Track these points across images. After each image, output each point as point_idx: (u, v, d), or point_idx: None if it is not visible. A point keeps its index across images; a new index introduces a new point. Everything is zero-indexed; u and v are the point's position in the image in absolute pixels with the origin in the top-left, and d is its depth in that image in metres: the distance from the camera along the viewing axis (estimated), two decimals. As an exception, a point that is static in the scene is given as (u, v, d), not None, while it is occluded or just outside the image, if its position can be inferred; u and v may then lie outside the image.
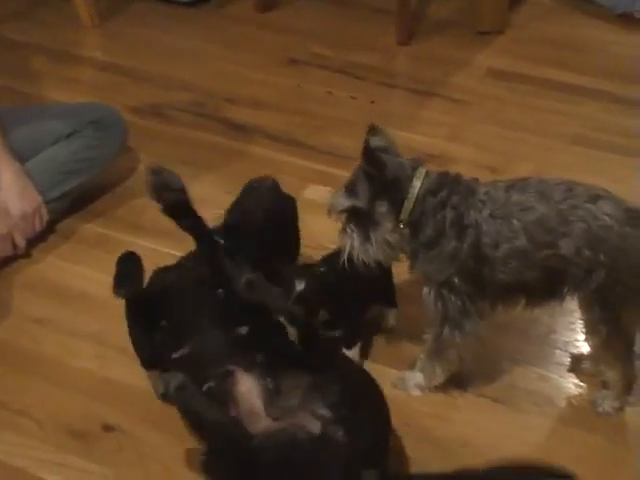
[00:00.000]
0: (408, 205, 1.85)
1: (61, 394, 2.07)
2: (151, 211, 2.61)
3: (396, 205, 1.86)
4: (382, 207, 1.87)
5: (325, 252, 2.43)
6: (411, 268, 1.94)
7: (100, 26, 3.69)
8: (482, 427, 1.99)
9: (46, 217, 2.48)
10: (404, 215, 1.86)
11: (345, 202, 1.89)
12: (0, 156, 2.42)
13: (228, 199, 2.16)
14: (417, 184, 1.85)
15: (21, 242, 2.42)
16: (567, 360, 2.14)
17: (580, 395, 2.06)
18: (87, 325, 2.25)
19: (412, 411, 2.02)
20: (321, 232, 2.53)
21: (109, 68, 3.43)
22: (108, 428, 1.98)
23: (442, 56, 3.42)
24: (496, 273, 1.84)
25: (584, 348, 2.16)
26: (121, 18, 3.77)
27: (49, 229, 2.54)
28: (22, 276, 2.43)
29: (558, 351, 2.17)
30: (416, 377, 2.03)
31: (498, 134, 2.97)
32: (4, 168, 2.42)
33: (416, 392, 2.04)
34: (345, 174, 2.72)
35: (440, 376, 2.01)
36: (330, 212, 1.95)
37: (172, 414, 1.94)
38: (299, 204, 2.65)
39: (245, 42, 3.57)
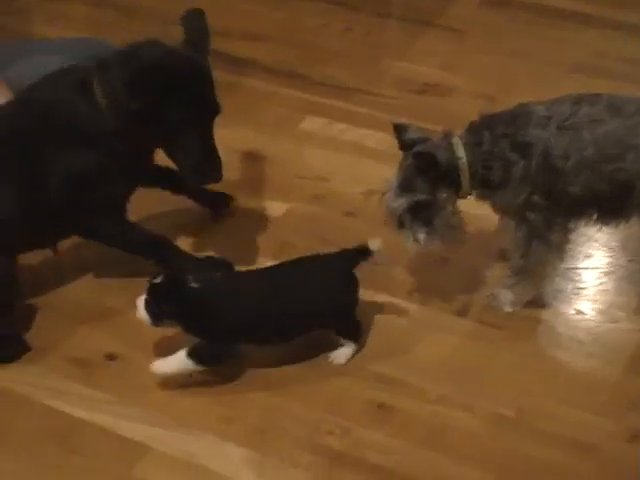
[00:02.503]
0: (465, 177, 1.90)
1: (63, 324, 2.09)
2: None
3: (454, 184, 1.91)
4: (443, 193, 1.91)
5: (322, 183, 2.46)
6: (495, 210, 2.00)
7: (91, -40, 3.64)
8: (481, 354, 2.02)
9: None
10: (466, 187, 1.91)
11: (405, 200, 1.90)
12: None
13: (223, 132, 2.15)
14: (461, 154, 1.89)
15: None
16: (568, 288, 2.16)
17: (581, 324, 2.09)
18: (87, 257, 2.27)
19: (412, 339, 2.04)
20: (317, 164, 2.55)
21: (101, 3, 3.38)
22: (111, 357, 2.00)
23: (438, -15, 3.38)
24: (568, 185, 1.88)
25: (584, 277, 2.19)
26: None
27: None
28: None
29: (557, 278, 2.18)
30: (507, 294, 2.06)
31: (495, 63, 2.94)
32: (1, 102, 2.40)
33: (509, 308, 2.07)
34: (342, 105, 2.77)
35: (530, 292, 2.06)
36: (389, 216, 1.95)
37: (173, 345, 1.96)
38: (297, 136, 2.67)
39: (239, -27, 3.52)
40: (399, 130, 1.96)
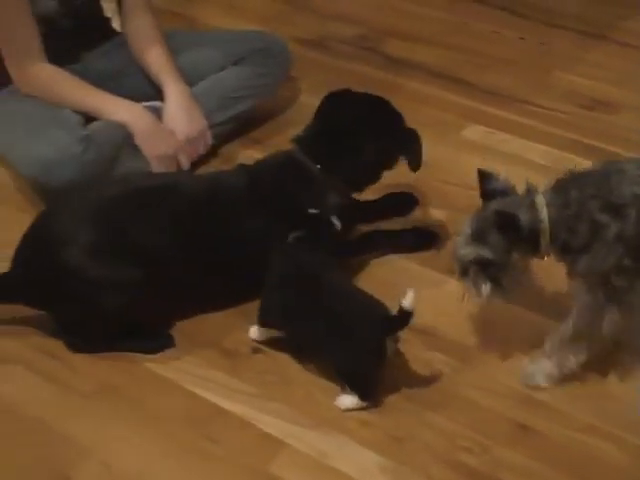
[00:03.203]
0: (545, 240, 1.79)
1: (214, 314, 2.12)
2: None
3: (532, 245, 1.80)
4: (517, 254, 1.81)
5: (477, 194, 2.41)
6: (570, 275, 1.85)
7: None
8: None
9: (210, 141, 2.52)
10: (544, 249, 1.81)
11: (475, 251, 1.81)
12: (169, 77, 2.49)
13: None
14: (544, 216, 1.78)
15: (185, 163, 2.46)
16: None
17: None
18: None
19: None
20: (475, 173, 2.50)
21: (276, -3, 3.45)
22: (256, 350, 2.03)
23: (616, -2, 3.28)
24: None
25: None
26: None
27: (212, 152, 2.57)
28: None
29: None
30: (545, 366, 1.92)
31: (672, 83, 2.84)
32: (172, 88, 2.47)
33: (544, 383, 1.92)
34: (506, 115, 2.73)
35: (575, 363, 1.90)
36: (455, 261, 1.87)
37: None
38: (457, 143, 2.64)
39: (412, -25, 3.51)
40: (483, 177, 1.87)
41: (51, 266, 1.97)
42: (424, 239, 2.30)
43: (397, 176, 2.26)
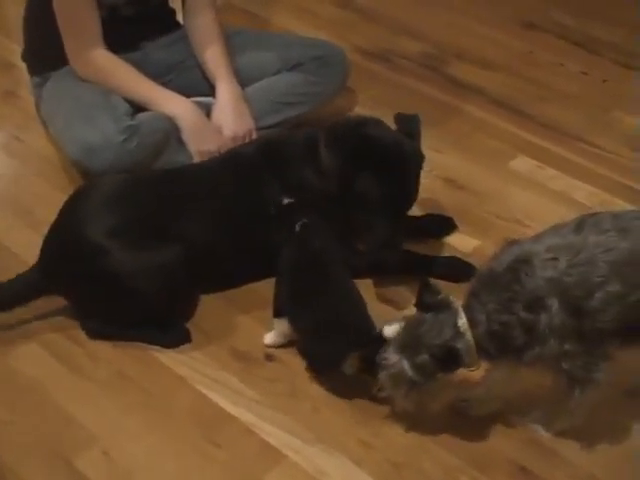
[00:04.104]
0: (473, 357, 1.74)
1: (234, 315, 2.14)
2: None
3: (458, 362, 1.74)
4: (443, 374, 1.75)
5: (519, 228, 2.38)
6: (524, 365, 1.78)
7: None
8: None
9: (256, 142, 2.53)
10: (473, 362, 1.75)
11: (398, 366, 1.73)
12: (222, 75, 2.50)
13: (431, 154, 2.13)
14: (469, 337, 1.72)
15: (228, 161, 2.48)
16: None
17: None
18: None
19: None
20: (518, 206, 2.47)
21: (348, 5, 3.44)
22: (270, 357, 2.04)
23: (690, 41, 3.21)
24: (597, 323, 1.68)
25: None
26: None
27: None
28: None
29: None
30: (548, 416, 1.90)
31: None
32: (224, 87, 2.49)
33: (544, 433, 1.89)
34: (558, 150, 2.69)
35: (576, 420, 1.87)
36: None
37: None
38: (503, 173, 2.61)
39: (483, -4, 3.48)
40: (423, 288, 1.80)
41: (76, 247, 2.01)
42: (457, 270, 2.23)
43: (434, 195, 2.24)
